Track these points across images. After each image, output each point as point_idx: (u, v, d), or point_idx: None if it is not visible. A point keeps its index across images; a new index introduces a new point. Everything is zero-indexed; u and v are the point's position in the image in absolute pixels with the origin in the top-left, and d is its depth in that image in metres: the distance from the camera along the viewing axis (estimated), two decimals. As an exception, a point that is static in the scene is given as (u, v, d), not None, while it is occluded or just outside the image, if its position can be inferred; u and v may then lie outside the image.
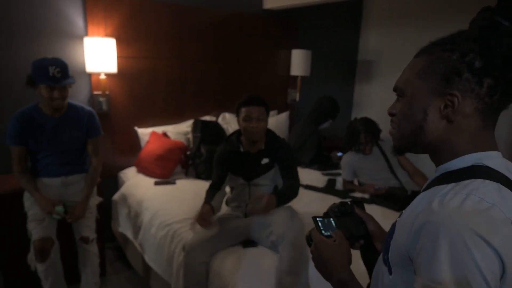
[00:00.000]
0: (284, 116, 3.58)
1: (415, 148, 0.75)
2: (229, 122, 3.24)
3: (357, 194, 2.59)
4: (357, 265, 0.88)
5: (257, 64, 3.53)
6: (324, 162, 3.21)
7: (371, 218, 0.93)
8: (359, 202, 0.95)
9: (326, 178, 2.93)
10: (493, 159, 0.67)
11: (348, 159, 2.70)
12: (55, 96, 1.96)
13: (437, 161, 0.73)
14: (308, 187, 2.67)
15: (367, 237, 0.89)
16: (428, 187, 0.71)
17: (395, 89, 0.77)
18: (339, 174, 2.92)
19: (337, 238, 0.84)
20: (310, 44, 3.73)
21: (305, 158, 3.19)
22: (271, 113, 3.57)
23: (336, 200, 2.42)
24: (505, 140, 2.94)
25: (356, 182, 2.75)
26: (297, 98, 3.75)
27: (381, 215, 2.29)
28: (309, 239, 0.89)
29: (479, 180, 0.62)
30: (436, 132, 0.69)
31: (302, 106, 3.84)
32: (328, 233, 0.86)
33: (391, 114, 0.77)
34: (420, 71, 0.71)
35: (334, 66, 4.12)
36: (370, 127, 2.61)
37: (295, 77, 3.70)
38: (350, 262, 0.82)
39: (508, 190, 0.62)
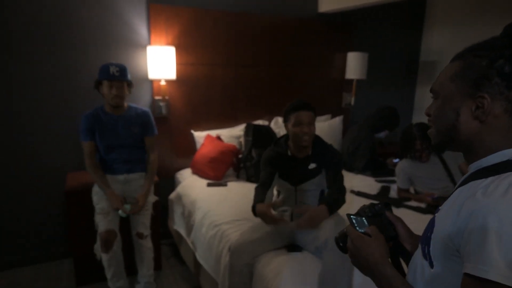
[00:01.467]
0: (338, 120, 3.52)
1: (451, 146, 0.79)
2: (281, 126, 3.26)
3: (413, 203, 2.46)
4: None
5: (311, 68, 3.52)
6: (378, 169, 3.09)
7: (400, 220, 0.95)
8: (389, 205, 0.97)
9: (379, 185, 2.82)
10: None
11: (403, 166, 2.58)
12: (113, 92, 2.20)
13: (471, 159, 0.76)
14: (360, 194, 2.60)
15: (396, 238, 0.90)
16: (464, 182, 0.74)
17: (431, 91, 0.82)
18: (394, 182, 2.80)
19: (372, 233, 0.86)
20: (367, 46, 3.63)
21: (358, 164, 3.11)
22: (325, 117, 3.54)
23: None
24: None
25: (412, 191, 2.62)
26: (352, 102, 3.66)
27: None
28: (339, 241, 0.92)
29: None
30: (469, 131, 0.74)
31: (358, 110, 3.74)
32: (363, 230, 0.87)
33: (428, 115, 0.83)
34: (453, 75, 0.76)
35: (393, 68, 3.96)
36: (427, 133, 2.47)
37: (351, 81, 3.62)
38: (388, 255, 0.84)
39: None
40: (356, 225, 0.89)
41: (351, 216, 0.91)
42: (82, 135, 2.29)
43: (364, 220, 0.90)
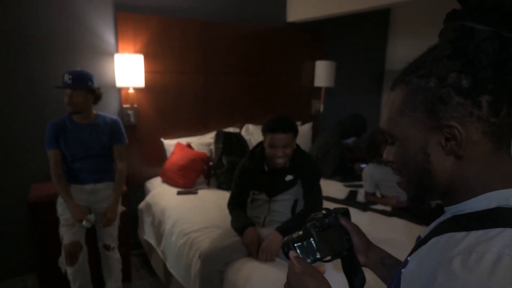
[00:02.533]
0: (307, 127, 3.59)
1: (431, 195, 0.62)
2: (252, 133, 3.29)
3: (379, 207, 2.54)
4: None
5: (281, 76, 3.58)
6: (346, 174, 3.17)
7: (356, 229, 0.84)
8: (346, 212, 0.87)
9: (348, 189, 2.90)
10: None
11: (369, 171, 2.66)
12: (64, 100, 2.15)
13: (448, 202, 0.61)
14: (329, 199, 2.66)
15: (350, 249, 0.83)
16: (440, 231, 0.58)
17: (382, 133, 0.66)
18: (361, 186, 2.88)
19: (313, 274, 0.70)
20: (335, 55, 3.74)
21: (327, 169, 3.17)
22: (295, 124, 3.59)
23: (356, 212, 2.42)
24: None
25: (378, 195, 2.70)
26: (321, 109, 3.75)
27: (403, 229, 2.24)
28: (285, 248, 0.80)
29: (509, 231, 0.49)
30: (446, 172, 0.58)
31: (327, 117, 3.84)
32: (310, 260, 0.76)
33: (388, 161, 0.66)
34: (401, 106, 0.60)
35: (360, 76, 4.10)
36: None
37: (319, 88, 3.71)
38: None
39: None
40: (301, 254, 0.76)
41: (295, 245, 0.77)
42: (47, 144, 2.21)
43: (312, 242, 0.78)
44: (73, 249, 2.14)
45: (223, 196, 2.22)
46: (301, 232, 0.79)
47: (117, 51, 2.84)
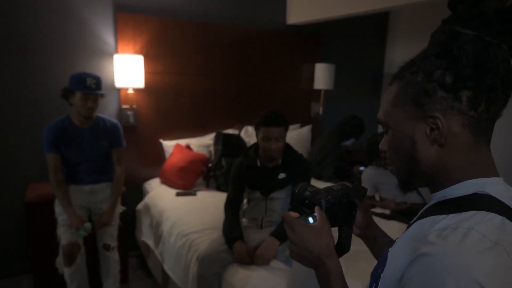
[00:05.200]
0: (306, 129, 3.59)
1: (417, 181, 0.70)
2: (251, 135, 3.29)
3: (378, 210, 2.54)
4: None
5: (280, 78, 3.58)
6: (345, 177, 3.17)
7: (365, 210, 0.89)
8: (363, 193, 0.87)
9: (346, 192, 2.89)
10: (495, 186, 0.61)
11: (368, 174, 2.66)
12: (88, 105, 2.12)
13: (433, 188, 0.68)
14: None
15: (352, 220, 0.86)
16: (424, 215, 0.65)
17: (377, 122, 0.74)
18: (360, 189, 2.88)
19: (320, 221, 0.77)
20: (335, 58, 3.74)
21: (326, 172, 3.17)
22: (294, 126, 3.60)
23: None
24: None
25: (377, 198, 2.70)
26: (321, 112, 3.75)
27: (401, 232, 2.23)
28: (295, 205, 0.86)
29: (482, 213, 0.56)
30: (430, 159, 0.65)
31: (326, 119, 3.84)
32: (311, 221, 0.79)
33: (383, 151, 0.73)
34: (394, 99, 0.68)
35: (360, 79, 4.10)
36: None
37: (319, 91, 3.71)
38: (332, 249, 0.76)
39: None
40: (304, 216, 0.80)
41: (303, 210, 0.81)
42: (46, 147, 2.17)
43: (316, 216, 0.80)
44: (71, 250, 2.13)
45: (222, 197, 2.21)
46: (313, 194, 0.83)
47: (116, 52, 2.84)
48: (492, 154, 0.66)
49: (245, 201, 2.18)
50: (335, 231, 0.82)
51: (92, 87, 2.10)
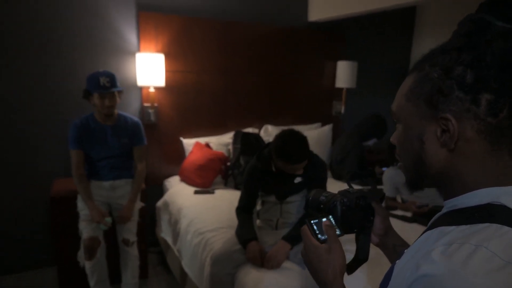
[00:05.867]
0: (327, 129, 3.53)
1: (425, 183, 0.64)
2: (271, 134, 3.27)
3: (399, 212, 2.46)
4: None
5: (301, 76, 3.53)
6: (366, 177, 3.09)
7: (384, 214, 0.84)
8: (381, 196, 0.85)
9: (367, 193, 2.82)
10: None
11: (389, 175, 2.58)
12: (106, 103, 2.16)
13: (446, 195, 0.61)
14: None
15: (369, 227, 0.83)
16: (433, 225, 0.60)
17: (391, 113, 0.68)
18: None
19: (330, 244, 0.74)
20: (358, 55, 3.66)
21: (346, 172, 3.11)
22: (315, 125, 3.56)
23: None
24: None
25: (399, 199, 2.62)
26: (342, 111, 3.68)
27: (422, 236, 2.16)
28: (309, 207, 0.84)
29: (495, 226, 0.49)
30: (438, 163, 0.59)
31: (348, 118, 3.76)
32: (325, 237, 0.75)
33: (394, 144, 0.68)
34: (408, 92, 0.61)
35: (383, 77, 3.99)
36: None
37: (341, 89, 3.64)
38: (342, 271, 0.73)
39: None
40: (317, 232, 0.75)
41: (312, 222, 0.77)
42: (71, 143, 2.25)
43: (332, 220, 0.78)
44: (91, 244, 2.19)
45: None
46: (329, 199, 0.80)
47: (138, 50, 2.89)
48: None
49: (259, 202, 2.15)
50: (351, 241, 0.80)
51: (106, 85, 2.14)
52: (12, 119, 2.60)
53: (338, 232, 0.78)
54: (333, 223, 0.78)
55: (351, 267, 0.82)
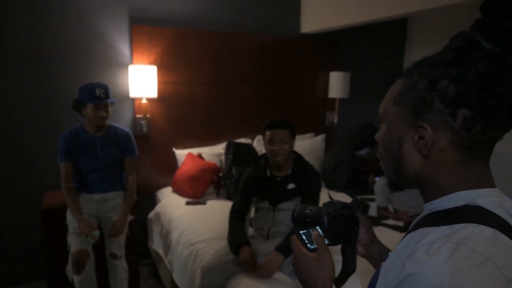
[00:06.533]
0: (320, 138, 3.53)
1: (402, 183, 0.68)
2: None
3: (391, 222, 2.45)
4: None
5: (294, 86, 3.56)
6: (359, 187, 3.09)
7: (368, 224, 0.87)
8: (365, 207, 0.87)
9: (360, 203, 2.81)
10: (487, 197, 0.58)
11: (381, 184, 2.58)
12: (101, 114, 2.16)
13: (425, 198, 0.66)
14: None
15: (355, 238, 0.84)
16: (415, 227, 0.63)
17: (378, 115, 0.72)
18: (374, 200, 2.80)
19: (319, 252, 0.75)
20: (351, 65, 3.69)
21: (339, 182, 3.10)
22: (308, 135, 3.55)
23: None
24: None
25: (391, 209, 2.61)
26: (335, 121, 3.69)
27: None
28: (296, 221, 0.86)
29: (472, 226, 0.53)
30: (414, 166, 0.63)
31: (341, 128, 3.77)
32: (314, 246, 0.77)
33: (377, 143, 0.72)
34: (396, 96, 0.65)
35: (376, 87, 4.01)
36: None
37: (333, 100, 3.66)
38: (332, 280, 0.74)
39: (506, 237, 0.53)
40: (307, 242, 0.77)
41: (300, 232, 0.79)
42: (59, 156, 2.23)
43: (319, 230, 0.79)
44: (80, 257, 2.16)
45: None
46: (314, 212, 0.82)
47: (131, 62, 2.91)
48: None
49: (252, 210, 2.16)
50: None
51: (102, 96, 2.15)
52: (3, 131, 2.59)
53: (326, 242, 0.79)
54: (321, 233, 0.79)
55: (340, 280, 0.83)
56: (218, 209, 2.62)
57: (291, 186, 1.99)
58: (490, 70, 0.54)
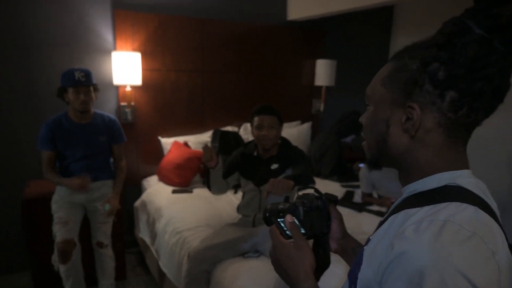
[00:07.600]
0: (306, 126, 3.55)
1: (384, 162, 0.71)
2: (250, 132, 3.26)
3: (374, 207, 2.50)
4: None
5: (280, 74, 3.55)
6: (344, 174, 3.13)
7: (339, 218, 0.87)
8: (336, 199, 0.87)
9: (344, 190, 2.85)
10: (465, 177, 0.62)
11: (365, 171, 2.62)
12: (81, 98, 2.11)
13: (405, 180, 0.68)
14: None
15: (326, 234, 0.85)
16: (397, 209, 0.64)
17: (366, 96, 0.73)
18: (358, 187, 2.84)
19: (298, 242, 0.75)
20: (337, 53, 3.69)
21: (325, 169, 3.14)
22: (294, 123, 3.57)
23: (351, 212, 2.38)
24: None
25: (375, 195, 2.66)
26: (322, 109, 3.71)
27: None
28: (266, 214, 0.85)
29: (455, 204, 0.56)
30: (400, 147, 0.65)
31: (327, 116, 3.79)
32: (286, 236, 0.78)
33: (361, 124, 0.74)
34: (385, 78, 0.66)
35: (362, 74, 4.02)
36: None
37: (320, 88, 3.67)
38: (313, 267, 0.74)
39: (485, 214, 0.56)
40: (285, 228, 0.78)
41: (278, 220, 0.80)
42: (41, 144, 2.18)
43: (295, 221, 0.79)
44: (65, 247, 2.14)
45: (218, 195, 2.20)
46: (287, 206, 0.82)
47: (114, 49, 2.85)
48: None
49: (240, 194, 2.17)
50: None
51: (81, 80, 2.10)
52: (-18, 120, 2.53)
53: (302, 231, 0.80)
54: (297, 223, 0.79)
55: (316, 277, 0.82)
56: (204, 197, 2.63)
57: (274, 166, 2.05)
58: (479, 54, 0.57)
